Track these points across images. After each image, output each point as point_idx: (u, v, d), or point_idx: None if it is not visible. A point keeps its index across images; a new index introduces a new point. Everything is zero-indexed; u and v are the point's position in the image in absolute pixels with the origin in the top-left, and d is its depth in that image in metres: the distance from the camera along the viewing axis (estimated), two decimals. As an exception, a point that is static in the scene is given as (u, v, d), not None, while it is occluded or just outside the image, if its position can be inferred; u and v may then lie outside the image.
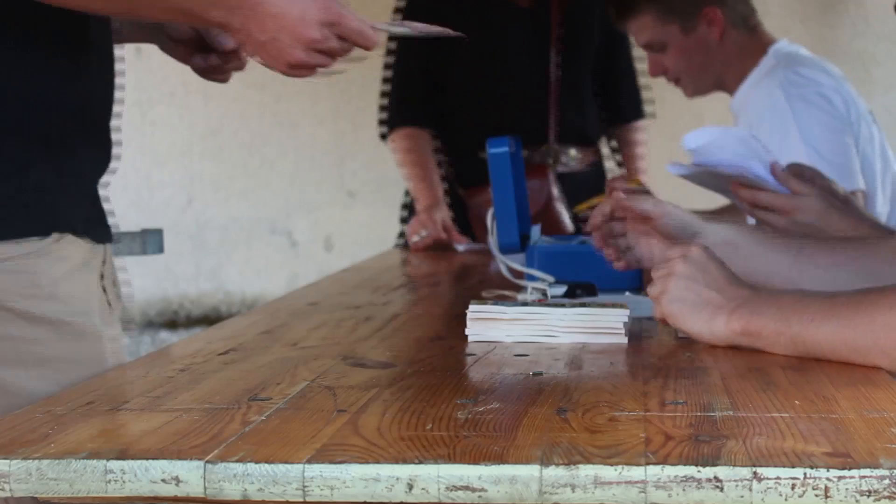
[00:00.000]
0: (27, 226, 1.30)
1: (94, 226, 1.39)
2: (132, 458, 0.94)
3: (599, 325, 1.47)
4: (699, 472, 0.90)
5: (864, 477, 0.88)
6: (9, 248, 1.27)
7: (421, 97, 3.05)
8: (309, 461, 0.92)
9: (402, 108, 3.05)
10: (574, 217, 2.75)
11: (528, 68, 3.02)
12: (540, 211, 2.85)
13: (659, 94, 3.21)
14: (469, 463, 0.91)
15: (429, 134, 3.04)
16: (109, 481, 0.93)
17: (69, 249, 1.34)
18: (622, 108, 3.16)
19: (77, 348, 1.33)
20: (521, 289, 1.98)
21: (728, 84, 2.62)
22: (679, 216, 1.64)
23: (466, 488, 0.90)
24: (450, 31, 1.46)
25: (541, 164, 2.97)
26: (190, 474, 0.93)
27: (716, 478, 0.89)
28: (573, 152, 3.03)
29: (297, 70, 1.33)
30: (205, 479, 0.92)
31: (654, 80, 2.87)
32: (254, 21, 1.28)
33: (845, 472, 0.89)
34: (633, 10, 2.63)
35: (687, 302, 1.42)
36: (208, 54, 1.52)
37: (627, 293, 1.88)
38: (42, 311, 1.30)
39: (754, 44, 2.60)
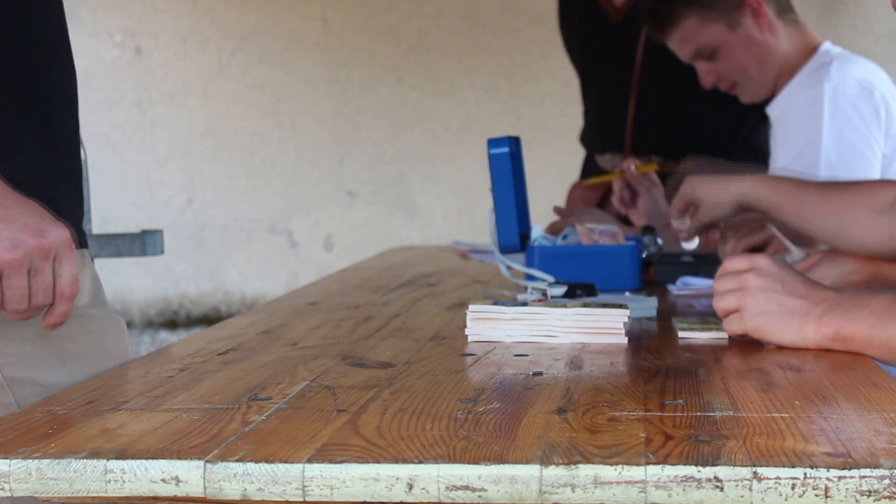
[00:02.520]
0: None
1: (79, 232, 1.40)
2: (132, 458, 0.94)
3: (599, 325, 1.47)
4: (699, 472, 0.90)
5: (864, 477, 0.88)
6: None
7: None
8: (309, 461, 0.92)
9: None
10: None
11: (613, 81, 3.07)
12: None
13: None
14: (469, 463, 0.91)
15: None
16: (109, 481, 0.93)
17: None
18: None
19: (104, 339, 1.34)
20: (521, 289, 1.98)
21: (780, 83, 2.50)
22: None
23: (466, 488, 0.90)
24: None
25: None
26: (190, 474, 0.93)
27: (716, 478, 0.89)
28: (654, 160, 3.04)
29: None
30: (205, 478, 0.92)
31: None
32: None
33: (845, 472, 0.89)
34: (673, 18, 2.52)
35: (772, 314, 1.40)
36: None
37: (627, 293, 1.88)
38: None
39: (800, 39, 2.51)
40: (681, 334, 1.50)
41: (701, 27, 2.50)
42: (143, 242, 2.52)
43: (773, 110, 2.51)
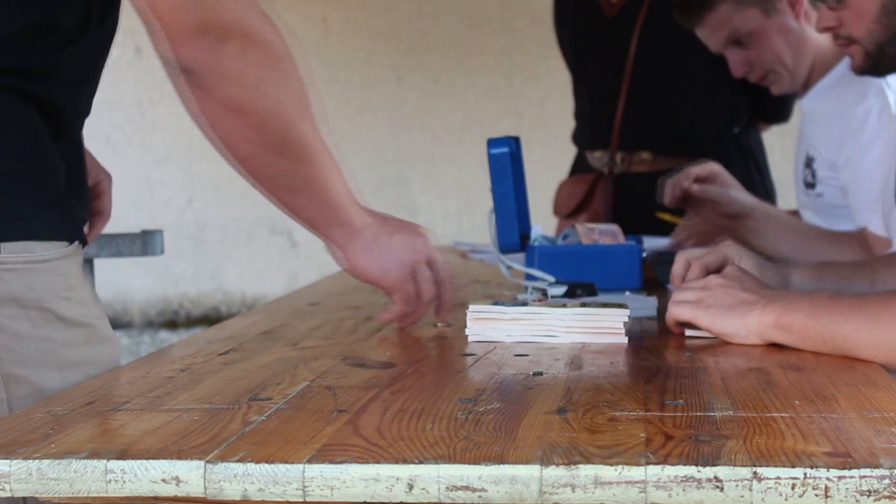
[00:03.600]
0: (60, 229, 1.31)
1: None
2: (132, 458, 0.94)
3: (599, 325, 1.47)
4: (699, 472, 0.90)
5: (864, 477, 0.88)
6: (45, 250, 1.28)
7: None
8: (309, 461, 0.92)
9: None
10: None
11: (604, 76, 3.07)
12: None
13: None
14: (469, 463, 0.91)
15: None
16: (109, 481, 0.93)
17: (79, 254, 1.36)
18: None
19: (100, 352, 1.34)
20: (521, 289, 1.98)
21: (814, 76, 2.44)
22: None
23: (466, 488, 0.90)
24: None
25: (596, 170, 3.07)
26: (190, 474, 0.93)
27: (716, 478, 0.89)
28: (644, 156, 3.04)
29: (389, 279, 1.54)
30: (205, 479, 0.92)
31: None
32: (370, 242, 1.52)
33: (845, 472, 0.89)
34: (709, 3, 2.47)
35: (723, 306, 1.46)
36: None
37: (627, 293, 1.88)
38: (75, 314, 1.31)
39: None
40: (687, 332, 1.50)
41: (736, 12, 2.45)
42: (143, 242, 2.53)
43: (807, 102, 2.47)
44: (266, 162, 1.38)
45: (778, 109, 3.05)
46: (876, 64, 1.73)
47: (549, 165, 4.14)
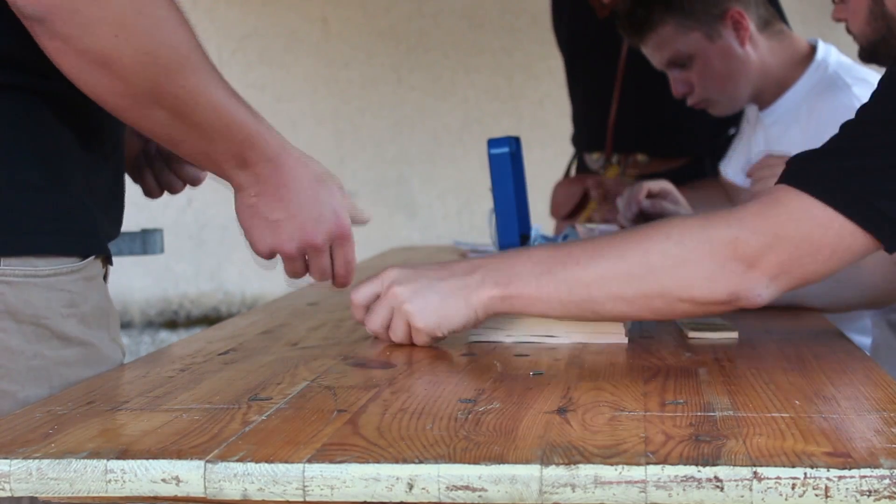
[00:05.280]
0: (70, 244, 1.27)
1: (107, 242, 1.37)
2: (132, 458, 0.94)
3: (599, 326, 1.47)
4: (699, 471, 0.90)
5: (864, 477, 0.88)
6: (49, 265, 1.25)
7: None
8: (309, 461, 0.92)
9: None
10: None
11: (597, 78, 3.07)
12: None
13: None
14: (469, 463, 0.91)
15: None
16: (109, 481, 0.93)
17: (93, 268, 1.32)
18: None
19: (97, 372, 1.30)
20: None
21: (764, 96, 2.46)
22: None
23: (466, 488, 0.90)
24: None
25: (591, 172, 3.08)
26: (190, 474, 0.93)
27: (716, 478, 0.89)
28: (640, 158, 3.04)
29: (269, 256, 1.42)
30: (205, 478, 0.92)
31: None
32: (271, 196, 1.34)
33: (845, 472, 0.89)
34: (651, 23, 2.47)
35: (435, 303, 1.38)
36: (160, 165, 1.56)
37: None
38: (75, 332, 1.28)
39: (789, 50, 2.44)
40: (691, 334, 1.50)
41: (678, 34, 2.46)
42: (143, 242, 2.52)
43: (768, 117, 2.47)
44: (142, 114, 1.21)
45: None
46: (872, 58, 1.76)
47: (549, 165, 4.14)
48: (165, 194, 1.65)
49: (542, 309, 1.36)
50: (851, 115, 1.33)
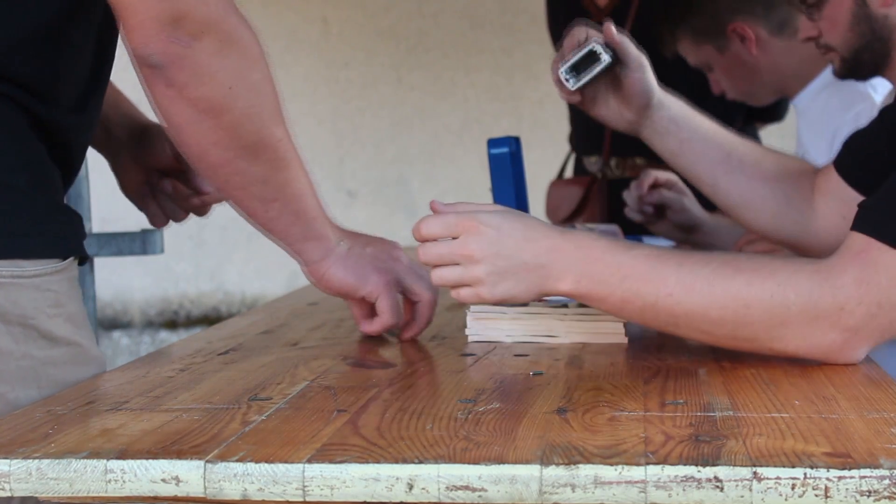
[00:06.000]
0: (53, 246, 1.28)
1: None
2: (132, 458, 0.94)
3: (599, 326, 1.47)
4: (699, 472, 0.90)
5: (864, 477, 0.88)
6: (34, 265, 1.25)
7: None
8: (309, 461, 0.92)
9: None
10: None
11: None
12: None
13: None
14: (469, 463, 0.91)
15: None
16: (109, 481, 0.93)
17: (73, 268, 1.33)
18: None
19: (85, 372, 1.30)
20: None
21: (789, 90, 2.58)
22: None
23: (466, 488, 0.90)
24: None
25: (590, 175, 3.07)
26: (190, 474, 0.93)
27: (716, 478, 0.89)
28: (638, 161, 3.04)
29: (368, 286, 1.47)
30: (205, 478, 0.92)
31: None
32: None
33: (845, 472, 0.89)
34: (673, 39, 2.65)
35: (504, 281, 1.30)
36: (179, 184, 1.58)
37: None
38: (62, 331, 1.28)
39: (811, 49, 2.53)
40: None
41: (694, 48, 2.63)
42: (143, 241, 2.52)
43: (800, 103, 2.56)
44: (239, 168, 1.30)
45: (771, 109, 3.07)
46: (854, 69, 1.77)
47: (549, 165, 4.14)
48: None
49: (616, 315, 1.34)
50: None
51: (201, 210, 1.60)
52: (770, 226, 1.77)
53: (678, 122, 1.75)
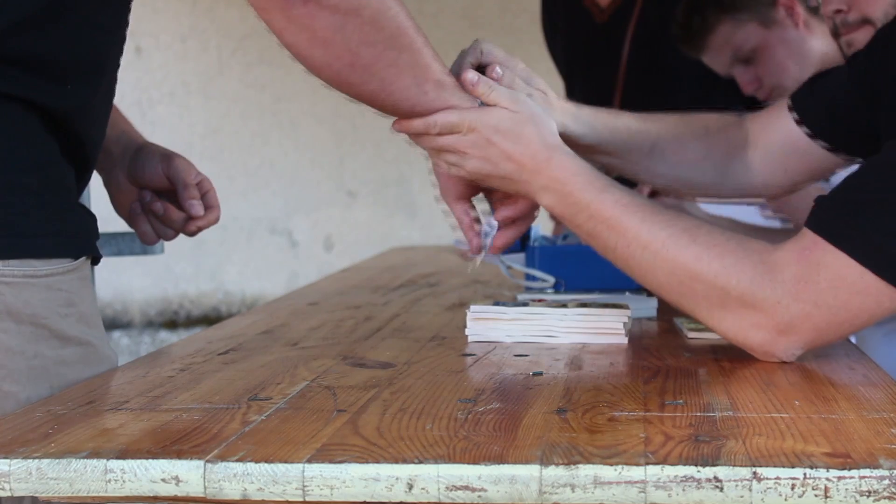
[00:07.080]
0: (65, 245, 1.29)
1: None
2: (132, 458, 0.94)
3: (599, 326, 1.47)
4: (699, 472, 0.90)
5: (863, 477, 0.88)
6: (46, 265, 1.26)
7: None
8: (309, 461, 0.92)
9: None
10: None
11: (596, 82, 3.07)
12: None
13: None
14: (469, 463, 0.91)
15: None
16: (109, 481, 0.93)
17: (85, 268, 1.33)
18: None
19: (96, 372, 1.30)
20: (521, 289, 1.98)
21: None
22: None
23: (466, 488, 0.90)
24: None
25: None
26: (190, 474, 0.93)
27: (716, 478, 0.89)
28: None
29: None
30: (205, 478, 0.92)
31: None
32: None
33: (845, 472, 0.89)
34: (708, 26, 2.51)
35: (487, 169, 1.40)
36: (170, 206, 1.58)
37: (627, 293, 1.88)
38: (73, 331, 1.29)
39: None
40: (691, 335, 1.50)
41: (736, 29, 2.48)
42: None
43: None
44: (390, 59, 1.33)
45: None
46: (886, 43, 1.71)
47: (549, 165, 4.14)
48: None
49: (583, 237, 1.38)
50: None
51: (191, 232, 1.60)
52: (714, 191, 1.79)
53: (601, 145, 1.78)
